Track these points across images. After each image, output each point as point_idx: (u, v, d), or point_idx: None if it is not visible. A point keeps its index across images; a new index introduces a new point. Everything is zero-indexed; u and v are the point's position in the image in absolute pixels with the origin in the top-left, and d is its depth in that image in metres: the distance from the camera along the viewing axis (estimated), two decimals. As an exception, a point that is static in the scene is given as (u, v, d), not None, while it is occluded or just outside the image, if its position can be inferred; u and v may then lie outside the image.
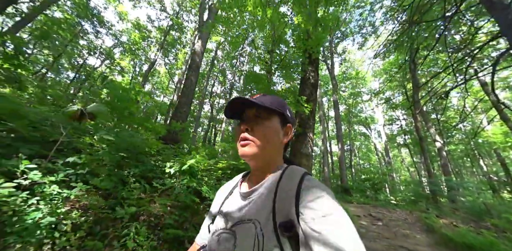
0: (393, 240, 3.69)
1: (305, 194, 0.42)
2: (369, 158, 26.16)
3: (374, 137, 24.12)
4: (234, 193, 0.60)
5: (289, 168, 0.53)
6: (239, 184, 0.62)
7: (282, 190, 0.46)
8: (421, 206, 7.41)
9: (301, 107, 4.61)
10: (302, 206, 0.41)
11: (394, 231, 4.35)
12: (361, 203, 8.28)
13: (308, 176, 0.48)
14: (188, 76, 7.84)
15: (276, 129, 0.53)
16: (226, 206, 0.57)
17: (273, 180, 0.51)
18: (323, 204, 0.39)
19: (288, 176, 0.49)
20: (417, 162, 18.52)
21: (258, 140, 0.50)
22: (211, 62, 18.71)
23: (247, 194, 0.53)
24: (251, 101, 0.50)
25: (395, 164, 24.38)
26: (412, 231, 4.40)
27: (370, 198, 9.77)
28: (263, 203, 0.47)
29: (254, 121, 0.52)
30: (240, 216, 0.49)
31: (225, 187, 0.67)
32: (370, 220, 5.34)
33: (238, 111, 0.56)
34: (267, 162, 0.54)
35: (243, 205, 0.52)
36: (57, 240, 1.30)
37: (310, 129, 4.93)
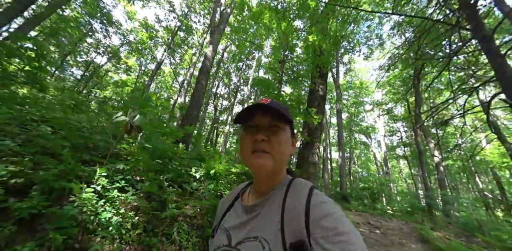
0: (390, 247, 4.00)
1: (315, 211, 0.41)
2: (368, 166, 26.57)
3: (374, 146, 24.49)
4: (236, 206, 0.57)
5: (295, 181, 0.52)
6: (241, 195, 0.60)
7: (289, 206, 0.45)
8: (417, 218, 7.73)
9: (311, 118, 4.94)
10: (313, 224, 0.40)
11: (391, 239, 4.67)
12: (359, 211, 8.59)
13: (315, 190, 0.48)
14: (199, 80, 8.15)
15: (289, 140, 0.51)
16: (228, 220, 0.54)
17: (279, 194, 0.49)
18: (335, 222, 0.38)
19: (295, 190, 0.48)
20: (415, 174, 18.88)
21: (276, 152, 0.48)
22: (217, 64, 19.07)
23: (251, 208, 0.51)
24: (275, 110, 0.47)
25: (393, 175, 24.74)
26: (408, 240, 4.71)
27: (368, 206, 10.09)
28: (269, 219, 0.46)
29: (270, 131, 0.49)
30: (245, 232, 0.47)
31: (226, 199, 0.64)
32: (368, 228, 5.64)
33: (246, 115, 0.51)
34: (277, 174, 0.52)
35: (247, 219, 0.50)
36: (124, 236, 1.60)
37: (317, 139, 5.26)
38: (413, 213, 8.60)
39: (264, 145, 0.47)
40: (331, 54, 4.82)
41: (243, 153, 0.50)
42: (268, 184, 0.52)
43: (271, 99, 0.52)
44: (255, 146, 0.48)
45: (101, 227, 1.54)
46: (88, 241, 1.45)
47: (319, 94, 5.66)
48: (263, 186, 0.53)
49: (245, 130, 0.52)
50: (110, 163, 2.20)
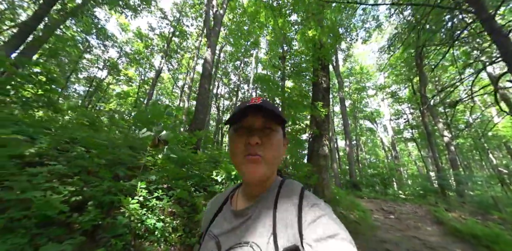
0: (405, 231, 4.19)
1: (307, 214, 0.41)
2: (376, 152, 26.56)
3: (380, 131, 24.38)
4: (225, 210, 0.55)
5: (286, 183, 0.51)
6: (230, 199, 0.58)
7: (281, 210, 0.44)
8: (430, 200, 7.87)
9: (318, 112, 5.06)
10: (305, 227, 0.39)
11: (406, 223, 4.85)
12: (371, 197, 8.78)
13: (306, 191, 0.48)
14: (202, 85, 8.29)
15: (281, 141, 0.49)
16: (217, 226, 0.52)
17: (270, 197, 0.49)
18: (327, 225, 0.38)
19: (286, 193, 0.47)
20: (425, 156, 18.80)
21: (269, 155, 0.46)
22: (215, 65, 19.13)
23: (241, 212, 0.50)
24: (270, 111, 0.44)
25: (402, 158, 24.69)
26: (423, 223, 4.89)
27: (380, 192, 10.26)
28: (261, 224, 0.45)
29: (263, 134, 0.47)
30: (235, 238, 0.45)
31: (212, 203, 0.62)
32: (382, 214, 5.84)
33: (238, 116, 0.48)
34: (268, 177, 0.49)
35: (237, 224, 0.48)
36: (168, 238, 1.83)
37: (325, 131, 5.39)
38: (426, 195, 8.74)
39: (258, 149, 0.45)
40: (332, 46, 4.88)
41: (235, 157, 0.47)
42: (258, 188, 0.51)
43: (263, 98, 0.49)
44: (249, 150, 0.45)
45: (148, 233, 1.76)
46: (140, 245, 1.67)
47: (322, 87, 5.75)
48: (254, 190, 0.51)
49: (235, 131, 0.48)
50: (141, 174, 2.42)
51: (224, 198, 0.59)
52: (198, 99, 8.28)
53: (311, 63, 5.31)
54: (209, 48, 9.11)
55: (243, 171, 0.46)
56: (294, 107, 5.58)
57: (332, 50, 5.06)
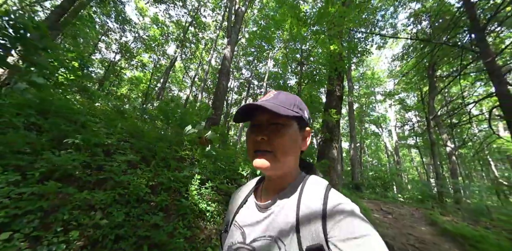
0: (401, 229, 4.68)
1: (333, 213, 0.40)
2: (379, 156, 26.95)
3: (384, 136, 24.65)
4: (249, 202, 0.56)
5: (310, 179, 0.51)
6: (253, 191, 0.59)
7: (305, 207, 0.44)
8: (427, 204, 8.34)
9: (330, 118, 5.49)
10: (331, 226, 0.39)
11: (402, 223, 5.35)
12: (372, 198, 9.29)
13: (332, 189, 0.47)
14: (220, 81, 8.69)
15: (295, 136, 0.48)
16: (242, 216, 0.53)
17: (292, 193, 0.48)
18: (354, 224, 0.37)
19: (310, 190, 0.47)
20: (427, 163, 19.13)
21: (277, 151, 0.46)
22: (228, 59, 19.38)
23: (265, 206, 0.50)
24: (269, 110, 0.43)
25: (404, 163, 25.04)
26: (418, 224, 5.38)
27: (380, 194, 10.77)
28: (284, 219, 0.45)
29: (270, 130, 0.47)
30: (260, 231, 0.46)
31: (238, 194, 0.63)
32: (381, 214, 6.34)
33: (247, 114, 0.50)
34: (285, 172, 0.49)
35: (261, 218, 0.49)
36: (215, 220, 2.33)
37: (336, 136, 5.83)
38: (423, 200, 9.21)
39: (265, 145, 0.46)
40: (349, 59, 5.25)
41: (248, 152, 0.50)
42: (279, 182, 0.51)
43: (278, 91, 0.51)
44: (255, 146, 0.47)
45: (202, 213, 2.27)
46: (197, 222, 2.18)
47: (336, 95, 6.13)
48: (275, 184, 0.52)
49: (249, 128, 0.51)
50: (188, 167, 2.91)
51: (249, 189, 0.60)
52: (215, 95, 8.72)
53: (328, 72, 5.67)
54: (229, 46, 9.45)
55: (254, 166, 0.47)
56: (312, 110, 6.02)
57: (349, 63, 5.42)
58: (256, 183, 0.62)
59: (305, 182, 0.50)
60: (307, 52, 6.32)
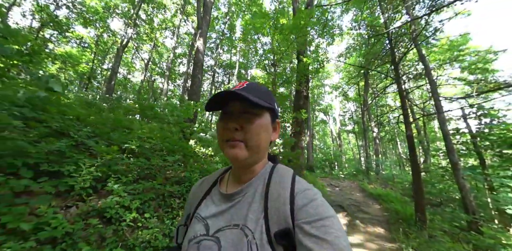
0: (345, 196, 6.84)
1: (299, 198, 0.43)
2: (325, 140, 32.01)
3: (331, 123, 29.30)
4: (213, 193, 0.56)
5: (277, 168, 0.53)
6: (219, 182, 0.59)
7: (273, 194, 0.45)
8: (359, 178, 11.45)
9: (300, 115, 6.96)
10: (297, 211, 0.41)
11: (345, 192, 7.64)
12: (322, 177, 11.91)
13: (298, 177, 0.49)
14: (195, 75, 8.94)
15: (267, 126, 0.50)
16: (205, 208, 0.53)
17: (260, 182, 0.50)
18: (318, 208, 0.40)
19: (277, 178, 0.49)
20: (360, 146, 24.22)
21: (250, 140, 0.46)
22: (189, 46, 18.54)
23: (231, 196, 0.50)
24: (243, 97, 0.44)
25: (344, 145, 30.64)
26: (354, 191, 7.78)
27: (327, 173, 13.71)
28: (251, 208, 0.46)
29: (243, 119, 0.47)
30: (224, 221, 0.47)
31: (200, 186, 0.62)
32: (331, 188, 8.63)
33: (219, 102, 0.49)
34: (256, 162, 0.51)
35: (226, 208, 0.49)
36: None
37: (303, 129, 7.42)
38: (357, 174, 12.45)
39: (238, 134, 0.46)
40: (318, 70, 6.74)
41: (219, 142, 0.50)
42: (247, 172, 0.52)
43: (248, 83, 0.51)
44: (227, 134, 0.47)
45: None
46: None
47: (303, 95, 7.61)
48: (243, 174, 0.52)
49: (220, 117, 0.51)
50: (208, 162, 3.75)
51: (212, 180, 0.60)
52: (191, 89, 8.98)
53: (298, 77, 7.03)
54: (201, 38, 9.57)
55: (225, 154, 0.47)
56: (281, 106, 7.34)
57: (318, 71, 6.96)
58: (222, 173, 0.62)
59: (272, 171, 0.51)
60: (280, 55, 7.41)
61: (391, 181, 9.07)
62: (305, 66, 6.41)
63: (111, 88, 14.56)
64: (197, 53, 9.35)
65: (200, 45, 9.47)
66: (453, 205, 5.19)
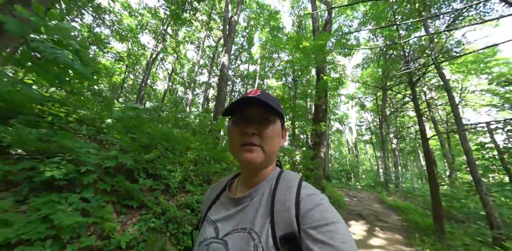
0: (364, 206, 7.11)
1: (305, 203, 0.44)
2: (340, 150, 31.69)
3: (346, 132, 29.13)
4: (223, 198, 0.59)
5: (284, 173, 0.54)
6: (228, 187, 0.62)
7: (279, 199, 0.46)
8: (378, 189, 11.49)
9: (320, 128, 7.49)
10: (303, 215, 0.42)
11: (363, 202, 7.88)
12: (339, 187, 12.07)
13: (304, 182, 0.50)
14: (221, 88, 9.89)
15: (279, 132, 0.53)
16: (215, 212, 0.56)
17: (267, 186, 0.52)
18: (323, 213, 0.41)
19: (284, 183, 0.50)
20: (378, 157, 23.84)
21: (266, 145, 0.49)
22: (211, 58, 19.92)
23: (239, 200, 0.53)
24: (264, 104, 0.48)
25: (360, 155, 30.14)
26: (373, 202, 7.99)
27: (344, 183, 13.80)
28: (258, 212, 0.47)
29: (261, 124, 0.50)
30: (233, 224, 0.49)
31: (211, 191, 0.66)
32: (349, 198, 8.87)
33: (236, 108, 0.53)
34: (265, 168, 0.54)
35: (235, 211, 0.52)
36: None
37: (322, 140, 7.90)
38: (375, 186, 12.46)
39: (255, 138, 0.49)
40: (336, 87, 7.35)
41: (232, 146, 0.52)
42: (257, 176, 0.54)
43: (261, 90, 0.53)
44: (245, 139, 0.49)
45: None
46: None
47: (322, 108, 8.15)
48: (252, 179, 0.54)
49: (233, 122, 0.53)
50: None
51: (222, 186, 0.64)
52: (217, 100, 9.91)
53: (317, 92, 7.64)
54: (226, 54, 10.58)
55: (240, 160, 0.49)
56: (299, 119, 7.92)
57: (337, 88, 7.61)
58: (231, 178, 0.65)
59: (280, 176, 0.53)
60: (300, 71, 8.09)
61: (411, 194, 9.13)
62: (325, 83, 7.02)
63: (140, 98, 16.05)
64: (222, 68, 10.34)
65: (225, 60, 10.47)
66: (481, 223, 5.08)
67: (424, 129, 4.77)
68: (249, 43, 21.10)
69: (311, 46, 6.82)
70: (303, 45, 6.62)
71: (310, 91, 8.27)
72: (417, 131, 5.43)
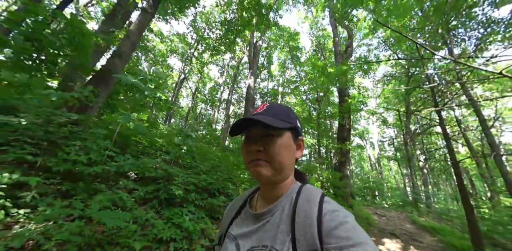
0: (395, 226, 7.08)
1: (328, 220, 0.42)
2: (362, 165, 30.70)
3: (368, 147, 28.42)
4: (243, 213, 0.60)
5: (305, 187, 0.54)
6: (248, 202, 0.62)
7: (300, 215, 0.46)
8: (407, 209, 11.12)
9: (345, 147, 7.84)
10: (326, 234, 0.41)
11: (394, 222, 7.80)
12: (365, 205, 11.84)
13: (327, 197, 0.49)
14: (247, 108, 10.74)
15: (288, 145, 0.53)
16: (236, 228, 0.56)
17: (288, 201, 0.51)
18: (349, 232, 0.39)
19: (305, 198, 0.49)
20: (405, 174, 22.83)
21: (273, 160, 0.50)
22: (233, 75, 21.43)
23: (260, 216, 0.53)
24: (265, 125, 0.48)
25: (383, 172, 28.90)
26: (404, 222, 7.88)
27: (369, 201, 13.46)
28: (279, 228, 0.47)
29: (265, 141, 0.51)
30: (254, 241, 0.49)
31: (232, 206, 0.67)
32: (377, 217, 8.78)
33: (241, 128, 0.54)
34: (281, 180, 0.53)
35: (255, 228, 0.51)
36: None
37: (347, 159, 8.20)
38: (404, 205, 12.03)
39: (261, 155, 0.50)
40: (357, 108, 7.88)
41: (244, 163, 0.54)
42: (275, 190, 0.54)
43: (268, 104, 0.56)
44: (251, 156, 0.51)
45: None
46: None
47: (346, 128, 8.56)
48: (271, 193, 0.55)
49: (244, 141, 0.55)
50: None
51: (242, 200, 0.64)
52: (243, 121, 10.68)
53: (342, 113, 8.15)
54: (252, 76, 11.59)
55: (251, 173, 0.51)
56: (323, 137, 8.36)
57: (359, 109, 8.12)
58: (251, 193, 0.65)
59: (300, 191, 0.52)
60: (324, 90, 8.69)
61: (446, 216, 8.82)
62: (348, 105, 7.54)
63: (169, 116, 17.50)
64: (249, 90, 11.30)
65: (251, 83, 11.45)
66: None
67: (453, 150, 5.01)
68: (269, 62, 22.44)
69: (335, 71, 7.49)
70: (328, 72, 7.31)
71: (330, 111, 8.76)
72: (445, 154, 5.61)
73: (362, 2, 6.10)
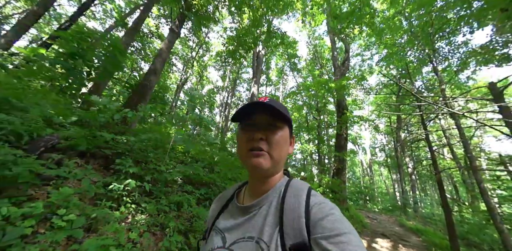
0: (384, 228, 7.90)
1: (315, 212, 0.44)
2: (353, 170, 31.92)
3: (360, 153, 29.64)
4: (231, 206, 0.61)
5: (292, 181, 0.55)
6: (236, 195, 0.63)
7: (288, 207, 0.47)
8: (396, 213, 12.07)
9: (342, 155, 8.66)
10: (313, 225, 0.42)
11: (384, 225, 8.64)
12: (357, 209, 12.70)
13: (313, 191, 0.51)
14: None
15: (287, 139, 0.54)
16: (222, 221, 0.57)
17: (276, 194, 0.53)
18: (335, 222, 0.41)
19: (293, 191, 0.51)
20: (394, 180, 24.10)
21: (274, 151, 0.50)
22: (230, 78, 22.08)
23: (247, 208, 0.54)
24: (273, 109, 0.49)
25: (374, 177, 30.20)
26: (393, 226, 8.74)
27: (362, 205, 14.36)
28: (267, 220, 0.48)
29: (269, 130, 0.52)
30: (240, 233, 0.50)
31: (219, 200, 0.67)
32: (370, 220, 9.62)
33: (245, 114, 0.54)
34: (275, 173, 0.54)
35: (242, 220, 0.52)
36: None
37: (344, 166, 9.02)
38: (393, 210, 13.00)
39: (262, 144, 0.50)
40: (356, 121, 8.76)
41: (240, 152, 0.53)
42: (265, 184, 0.55)
43: (270, 98, 0.55)
44: (252, 144, 0.50)
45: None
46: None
47: (343, 137, 9.39)
48: (260, 187, 0.55)
49: (242, 128, 0.55)
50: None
51: (230, 194, 0.65)
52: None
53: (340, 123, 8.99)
54: (256, 84, 12.29)
55: (248, 164, 0.51)
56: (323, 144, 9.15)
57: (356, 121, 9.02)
58: (238, 187, 0.66)
59: (288, 184, 0.54)
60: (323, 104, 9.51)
61: (431, 219, 9.78)
62: (346, 117, 8.40)
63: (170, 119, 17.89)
64: (252, 97, 11.99)
65: (255, 90, 12.15)
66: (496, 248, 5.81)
67: (435, 162, 5.88)
68: (267, 68, 23.28)
69: (335, 86, 8.33)
70: (329, 86, 8.15)
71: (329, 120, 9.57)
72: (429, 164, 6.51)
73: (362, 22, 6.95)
